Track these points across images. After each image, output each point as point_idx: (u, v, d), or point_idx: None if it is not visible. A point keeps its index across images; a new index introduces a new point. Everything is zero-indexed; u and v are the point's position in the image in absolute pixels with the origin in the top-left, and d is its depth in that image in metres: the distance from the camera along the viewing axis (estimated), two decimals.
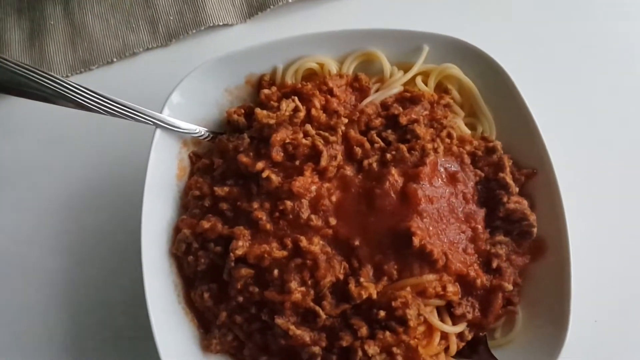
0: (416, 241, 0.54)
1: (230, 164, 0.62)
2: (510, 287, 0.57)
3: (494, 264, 0.58)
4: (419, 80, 0.67)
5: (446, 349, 0.57)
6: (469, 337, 0.58)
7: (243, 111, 0.65)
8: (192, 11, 0.84)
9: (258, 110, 0.61)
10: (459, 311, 0.56)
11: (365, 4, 0.83)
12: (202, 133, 0.65)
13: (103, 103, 0.59)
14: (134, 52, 0.82)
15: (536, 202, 0.62)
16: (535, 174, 0.62)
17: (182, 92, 0.64)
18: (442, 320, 0.56)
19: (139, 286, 0.55)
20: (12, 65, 0.54)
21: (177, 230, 0.61)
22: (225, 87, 0.67)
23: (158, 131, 0.62)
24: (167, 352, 0.54)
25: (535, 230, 0.59)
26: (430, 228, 0.56)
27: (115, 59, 0.82)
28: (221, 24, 0.82)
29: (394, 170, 0.58)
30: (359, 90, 0.66)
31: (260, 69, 0.68)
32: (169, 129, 0.62)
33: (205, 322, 0.59)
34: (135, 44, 0.82)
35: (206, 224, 0.58)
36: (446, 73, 0.67)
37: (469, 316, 0.57)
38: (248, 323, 0.56)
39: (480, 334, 0.59)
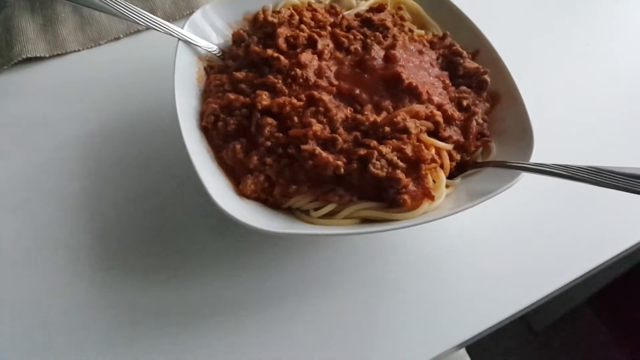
0: (404, 78, 0.70)
1: (242, 61, 0.77)
2: (479, 110, 0.74)
3: (464, 103, 0.75)
4: None
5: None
6: (458, 157, 0.72)
7: (246, 30, 0.83)
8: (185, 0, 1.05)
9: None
10: (445, 133, 0.71)
11: None
12: (216, 49, 0.81)
13: (136, 12, 0.75)
14: (137, 30, 1.00)
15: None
16: (478, 52, 0.83)
17: (194, 23, 0.81)
18: None
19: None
20: None
21: (202, 113, 0.74)
22: (228, 21, 0.86)
23: (180, 43, 0.77)
24: (217, 195, 0.63)
25: (488, 79, 0.78)
26: (412, 75, 0.73)
27: (121, 35, 0.99)
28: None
29: (375, 46, 0.76)
30: (335, 15, 0.87)
31: (254, 8, 0.87)
32: (189, 42, 0.78)
33: (236, 178, 0.69)
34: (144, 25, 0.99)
35: (232, 95, 0.72)
36: (397, 0, 0.90)
37: (454, 137, 0.71)
38: (277, 162, 0.67)
39: (466, 157, 0.73)
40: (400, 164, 0.64)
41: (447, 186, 0.70)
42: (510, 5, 1.16)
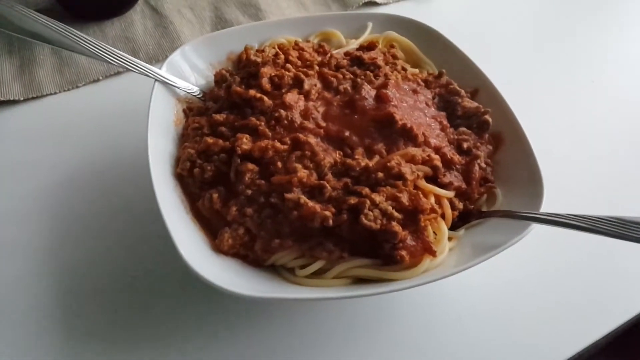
0: (398, 118, 0.65)
1: (223, 104, 0.72)
2: (482, 153, 0.68)
3: (465, 146, 0.69)
4: None
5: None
6: (460, 206, 0.65)
7: (229, 70, 0.78)
8: (169, 41, 1.01)
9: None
10: (445, 179, 0.65)
11: None
12: (196, 90, 0.76)
13: (113, 54, 0.70)
14: (117, 72, 0.95)
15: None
16: (478, 91, 0.78)
17: (173, 63, 0.77)
18: None
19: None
20: (37, 17, 0.66)
21: (178, 158, 0.67)
22: (210, 61, 0.81)
23: (157, 84, 0.72)
24: (187, 251, 0.56)
25: (490, 119, 0.72)
26: (406, 116, 0.68)
27: (100, 77, 0.94)
28: None
29: (366, 85, 0.71)
30: (323, 54, 0.83)
31: (239, 47, 0.83)
32: (167, 83, 0.73)
33: (213, 230, 0.62)
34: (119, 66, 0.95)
35: (210, 139, 0.66)
36: (389, 37, 0.86)
37: (455, 183, 0.65)
38: (258, 213, 0.60)
39: (470, 206, 0.66)
40: (396, 214, 0.57)
41: (449, 239, 0.63)
42: (510, 42, 1.12)
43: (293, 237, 0.59)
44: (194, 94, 0.76)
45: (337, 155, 0.64)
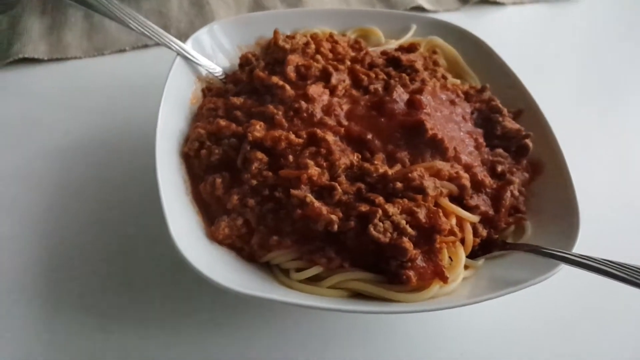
0: (428, 127, 0.60)
1: (243, 88, 0.69)
2: (517, 180, 0.63)
3: (499, 169, 0.64)
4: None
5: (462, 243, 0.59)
6: (484, 233, 0.60)
7: (255, 54, 0.75)
8: (202, 20, 0.99)
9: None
10: (472, 202, 0.60)
11: None
12: (218, 71, 0.74)
13: (140, 23, 0.68)
14: (145, 45, 0.94)
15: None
16: (522, 112, 0.73)
17: (199, 40, 0.74)
18: None
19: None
20: None
21: (188, 137, 0.65)
22: (238, 43, 0.79)
23: (178, 58, 0.70)
24: (179, 235, 0.52)
25: (530, 144, 0.67)
26: (438, 126, 0.63)
27: (127, 48, 0.93)
28: None
29: (399, 88, 0.67)
30: (358, 50, 0.79)
31: (270, 33, 0.80)
32: (189, 59, 0.71)
33: (211, 217, 0.59)
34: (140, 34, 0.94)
35: (222, 122, 0.63)
36: (432, 43, 0.82)
37: (482, 208, 0.60)
38: (260, 205, 0.57)
39: (494, 235, 0.61)
40: (409, 230, 0.53)
41: (466, 267, 0.58)
42: (562, 69, 1.06)
43: (293, 237, 0.55)
44: (216, 74, 0.73)
45: (355, 157, 0.60)
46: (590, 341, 0.63)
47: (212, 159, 0.61)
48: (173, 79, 0.68)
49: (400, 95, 0.66)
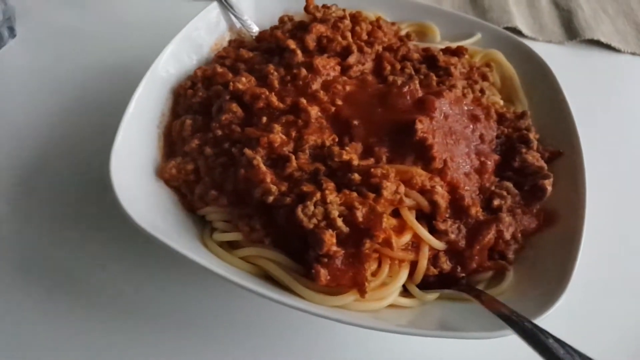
0: (419, 129, 0.53)
1: (261, 45, 0.68)
2: (509, 221, 0.53)
3: (495, 202, 0.54)
4: None
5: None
6: (446, 266, 0.51)
7: (292, 19, 0.73)
8: None
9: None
10: (442, 225, 0.51)
11: None
12: (251, 25, 0.73)
13: None
14: None
15: (556, 181, 0.60)
16: (561, 154, 0.61)
17: None
18: None
19: None
20: None
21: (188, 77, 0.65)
22: (286, 8, 0.77)
23: (214, 3, 0.70)
24: (119, 155, 0.52)
25: (549, 188, 0.56)
26: (437, 135, 0.55)
27: None
28: None
29: (415, 83, 0.60)
30: (400, 41, 0.72)
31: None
32: (226, 7, 0.71)
33: (172, 155, 0.58)
34: None
35: (219, 68, 0.62)
36: (491, 56, 0.73)
37: (452, 236, 0.51)
38: (215, 156, 0.55)
39: (460, 273, 0.52)
40: (340, 224, 0.46)
41: (409, 295, 0.50)
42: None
43: (231, 198, 0.52)
44: (249, 28, 0.72)
45: (330, 139, 0.55)
46: None
47: (194, 100, 0.60)
48: (199, 20, 0.68)
49: (412, 92, 0.59)
